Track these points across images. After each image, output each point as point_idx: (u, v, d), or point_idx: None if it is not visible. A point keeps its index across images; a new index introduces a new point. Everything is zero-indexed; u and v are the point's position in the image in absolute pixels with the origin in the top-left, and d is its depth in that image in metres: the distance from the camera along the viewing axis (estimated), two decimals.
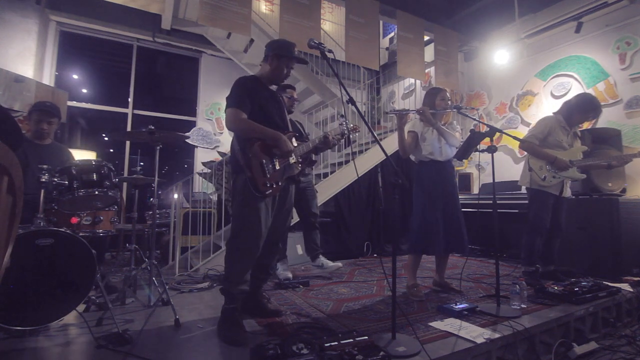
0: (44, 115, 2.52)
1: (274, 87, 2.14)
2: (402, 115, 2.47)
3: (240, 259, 1.87)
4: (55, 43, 4.85)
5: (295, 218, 3.26)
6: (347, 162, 4.45)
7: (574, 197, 3.51)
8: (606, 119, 3.99)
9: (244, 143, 1.88)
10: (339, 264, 3.22)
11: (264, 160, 1.87)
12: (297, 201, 3.16)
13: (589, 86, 4.15)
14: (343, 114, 2.50)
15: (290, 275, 3.06)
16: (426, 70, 5.34)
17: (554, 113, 2.92)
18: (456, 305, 2.09)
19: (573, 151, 2.78)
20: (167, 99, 6.03)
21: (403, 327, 1.79)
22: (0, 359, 1.56)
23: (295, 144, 2.07)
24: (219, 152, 5.49)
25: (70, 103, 4.65)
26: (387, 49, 7.03)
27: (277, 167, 1.92)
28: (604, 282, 2.53)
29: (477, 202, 4.31)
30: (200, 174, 5.06)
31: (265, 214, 1.89)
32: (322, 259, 3.28)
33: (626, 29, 3.89)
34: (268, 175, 1.87)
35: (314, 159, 2.72)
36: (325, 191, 4.04)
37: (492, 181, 2.26)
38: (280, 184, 1.93)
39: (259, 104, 1.95)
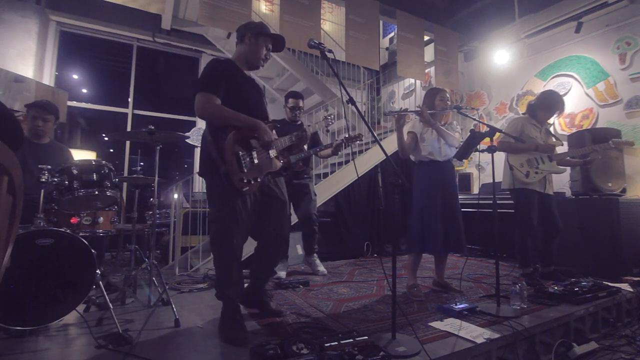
0: (39, 112, 2.51)
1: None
2: (400, 116, 2.47)
3: (224, 263, 1.81)
4: (55, 43, 4.84)
5: (294, 219, 3.26)
6: (347, 162, 4.45)
7: (574, 197, 3.52)
8: (606, 119, 4.00)
9: (216, 132, 1.71)
10: (325, 270, 3.26)
11: (240, 152, 1.72)
12: (294, 205, 3.17)
13: (589, 86, 4.15)
14: (329, 115, 2.50)
15: (283, 275, 3.07)
16: (426, 70, 5.34)
17: (522, 114, 2.97)
18: (456, 305, 2.09)
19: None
20: (167, 99, 6.02)
21: (403, 327, 1.78)
22: (0, 359, 1.55)
23: (275, 137, 1.94)
24: None
25: (70, 103, 4.65)
26: (387, 49, 7.03)
27: (256, 161, 1.78)
28: (604, 282, 2.53)
29: (477, 202, 4.31)
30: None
31: (244, 213, 1.78)
32: (315, 259, 3.31)
33: (626, 29, 3.89)
34: (245, 170, 1.72)
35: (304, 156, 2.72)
36: (325, 191, 4.04)
37: (492, 181, 2.26)
38: (259, 180, 1.80)
39: (234, 89, 1.78)
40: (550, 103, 2.84)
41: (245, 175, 1.73)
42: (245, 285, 2.03)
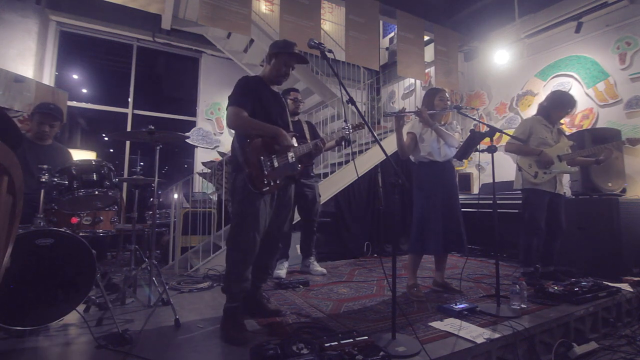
0: (46, 118, 2.51)
1: (277, 89, 2.15)
2: (399, 117, 2.47)
3: (240, 257, 1.88)
4: (55, 43, 4.84)
5: (296, 218, 3.27)
6: (347, 162, 4.44)
7: (574, 197, 3.52)
8: (606, 119, 4.00)
9: (243, 140, 1.90)
10: (323, 270, 3.27)
11: (262, 157, 1.89)
12: (299, 204, 3.18)
13: (589, 86, 4.15)
14: (346, 120, 2.54)
15: (283, 274, 3.07)
16: (426, 70, 5.34)
17: (533, 115, 3.00)
18: (456, 305, 2.10)
19: (559, 147, 2.82)
20: (167, 99, 6.02)
21: (403, 327, 1.79)
22: (1, 359, 1.56)
23: (296, 144, 2.08)
24: (219, 152, 5.49)
25: (70, 103, 4.64)
26: (387, 49, 7.03)
27: (276, 165, 1.93)
28: (604, 282, 2.53)
29: (477, 202, 4.31)
30: (200, 174, 5.06)
31: (263, 211, 1.90)
32: (312, 261, 3.32)
33: (626, 29, 3.88)
34: (266, 173, 1.88)
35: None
36: (325, 191, 4.04)
37: (492, 181, 2.26)
38: (278, 182, 1.93)
39: (260, 103, 1.98)
40: (559, 102, 2.83)
41: (266, 177, 1.87)
42: None
